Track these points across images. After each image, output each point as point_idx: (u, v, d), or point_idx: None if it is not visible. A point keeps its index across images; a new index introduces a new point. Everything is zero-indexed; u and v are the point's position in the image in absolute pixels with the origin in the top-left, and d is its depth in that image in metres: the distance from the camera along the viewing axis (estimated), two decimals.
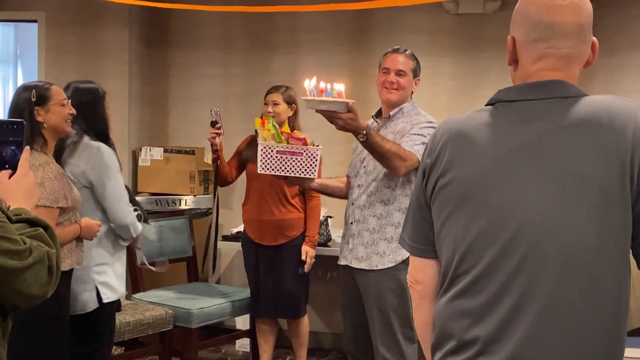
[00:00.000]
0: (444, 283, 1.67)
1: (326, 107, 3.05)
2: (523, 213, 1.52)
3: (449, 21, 5.31)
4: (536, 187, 1.52)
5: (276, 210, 4.34)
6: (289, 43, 5.55)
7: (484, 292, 1.55)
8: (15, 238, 1.50)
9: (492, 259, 1.55)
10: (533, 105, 1.59)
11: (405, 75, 3.43)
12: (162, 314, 4.27)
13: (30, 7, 5.50)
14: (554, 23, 1.60)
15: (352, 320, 3.56)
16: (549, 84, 1.60)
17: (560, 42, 1.61)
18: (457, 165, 1.63)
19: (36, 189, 1.72)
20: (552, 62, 1.62)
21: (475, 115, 1.69)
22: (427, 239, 1.75)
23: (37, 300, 1.55)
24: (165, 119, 5.79)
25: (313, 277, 4.97)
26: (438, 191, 1.67)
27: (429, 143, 1.75)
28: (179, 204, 5.24)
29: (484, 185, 1.58)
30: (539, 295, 1.49)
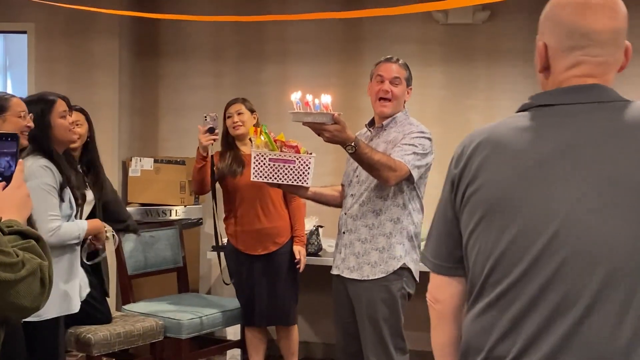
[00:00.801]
0: (471, 294, 1.60)
1: (312, 119, 3.05)
2: (562, 219, 1.45)
3: (439, 31, 5.33)
4: (577, 192, 1.45)
5: (263, 219, 4.33)
6: (279, 53, 5.57)
7: (517, 303, 1.48)
8: (8, 250, 1.49)
9: (526, 268, 1.48)
10: (572, 109, 1.53)
11: (399, 84, 3.43)
12: (153, 324, 4.25)
13: (19, 18, 5.49)
14: (591, 31, 1.53)
15: (344, 330, 3.55)
16: (588, 88, 1.54)
17: (596, 50, 1.54)
18: (487, 170, 1.56)
19: (29, 201, 1.73)
20: (587, 68, 1.55)
21: (507, 121, 1.62)
22: (450, 256, 1.68)
23: (29, 312, 1.54)
24: (155, 129, 5.78)
25: (304, 286, 4.97)
26: (467, 199, 1.59)
27: (456, 153, 1.67)
28: (170, 215, 5.23)
29: (518, 190, 1.50)
30: (575, 307, 1.43)
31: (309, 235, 4.72)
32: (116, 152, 5.43)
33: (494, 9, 5.15)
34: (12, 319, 1.57)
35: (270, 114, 5.47)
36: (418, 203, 3.43)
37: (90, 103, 4.89)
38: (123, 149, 5.53)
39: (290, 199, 4.43)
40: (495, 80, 5.27)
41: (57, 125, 3.42)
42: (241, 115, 4.37)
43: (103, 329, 4.01)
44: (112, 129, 5.40)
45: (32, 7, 5.09)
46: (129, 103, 5.63)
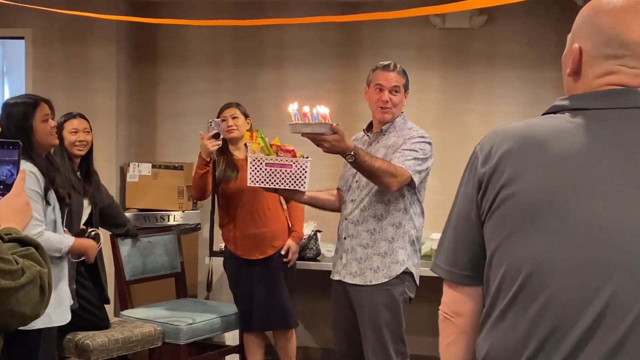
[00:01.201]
0: (494, 309, 1.49)
1: (311, 129, 3.05)
2: (614, 228, 1.37)
3: (436, 36, 5.34)
4: (628, 199, 1.38)
5: (259, 223, 4.31)
6: (277, 58, 5.57)
7: (554, 319, 1.39)
8: (8, 258, 1.49)
9: (568, 282, 1.38)
10: (613, 114, 1.45)
11: (398, 92, 3.44)
12: (151, 330, 4.24)
13: (17, 24, 5.49)
14: (631, 42, 1.45)
15: (344, 335, 3.55)
16: (627, 93, 1.47)
17: (634, 62, 1.46)
18: (526, 174, 1.45)
19: (28, 209, 1.73)
20: (621, 78, 1.47)
21: (540, 121, 1.52)
22: (471, 263, 1.56)
23: (29, 320, 1.54)
24: (153, 135, 5.79)
25: (302, 291, 4.96)
26: (500, 204, 1.47)
27: (482, 151, 1.54)
28: (168, 220, 5.22)
29: (560, 198, 1.41)
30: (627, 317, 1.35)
31: (307, 240, 4.72)
32: (114, 157, 5.43)
33: (491, 14, 5.17)
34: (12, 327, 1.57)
35: (267, 119, 5.47)
36: (419, 207, 3.44)
37: (88, 109, 4.89)
38: (121, 155, 5.53)
39: (288, 200, 4.41)
40: (492, 84, 5.28)
41: (39, 129, 3.35)
42: (236, 120, 4.35)
43: (101, 335, 4.01)
44: (109, 135, 5.39)
45: (30, 13, 5.09)
46: (127, 108, 5.63)
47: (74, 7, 4.85)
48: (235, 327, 4.67)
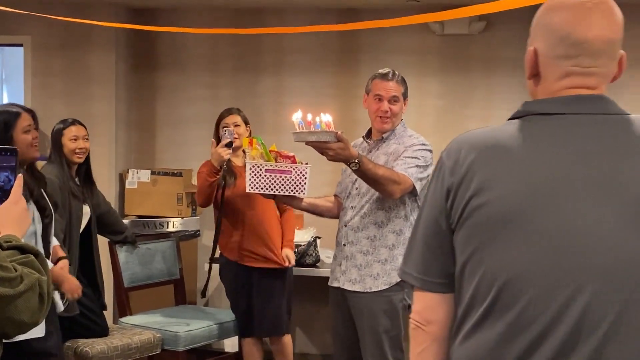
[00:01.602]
0: (468, 319, 1.48)
1: (316, 137, 3.04)
2: (584, 234, 1.37)
3: (435, 42, 5.35)
4: (596, 209, 1.37)
5: (257, 231, 4.25)
6: (276, 65, 5.58)
7: (533, 327, 1.38)
8: (6, 265, 1.49)
9: (543, 290, 1.38)
10: (578, 120, 1.44)
11: (398, 102, 3.43)
12: (150, 337, 4.23)
13: (16, 31, 5.50)
14: (584, 40, 1.45)
15: (343, 341, 3.54)
16: (592, 99, 1.46)
17: (589, 60, 1.46)
18: (494, 183, 1.43)
19: (27, 216, 1.72)
20: (578, 80, 1.47)
21: (506, 128, 1.50)
22: (442, 271, 1.54)
23: (28, 327, 1.53)
24: (152, 141, 5.78)
25: (301, 297, 4.96)
26: (470, 213, 1.45)
27: (450, 159, 1.52)
28: (167, 226, 5.22)
29: (531, 206, 1.39)
30: (599, 328, 1.35)
31: (307, 247, 4.71)
32: (113, 164, 5.42)
33: (490, 20, 5.17)
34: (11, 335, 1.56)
35: (266, 125, 5.48)
36: None
37: (87, 116, 4.90)
38: (120, 161, 5.53)
39: (284, 209, 4.41)
40: (492, 89, 5.28)
41: (20, 140, 3.24)
42: (238, 127, 4.27)
43: (101, 342, 3.99)
44: (109, 142, 5.39)
45: (29, 20, 5.09)
46: (126, 115, 5.64)
47: (73, 14, 4.85)
48: (234, 334, 4.65)
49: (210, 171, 4.05)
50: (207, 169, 4.07)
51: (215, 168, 4.04)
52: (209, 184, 4.09)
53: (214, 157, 4.03)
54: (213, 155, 4.04)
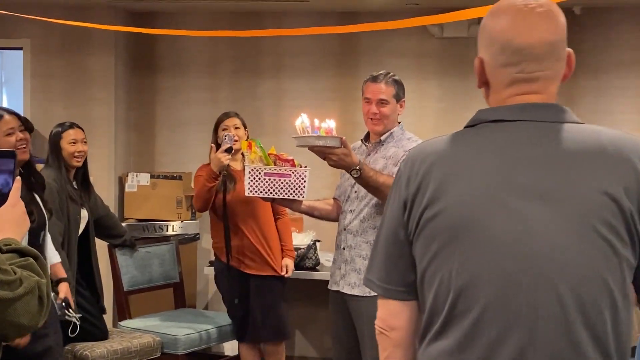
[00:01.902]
0: (431, 327, 1.50)
1: (323, 142, 3.01)
2: (529, 244, 1.40)
3: (434, 45, 5.35)
4: (540, 215, 1.40)
5: (256, 237, 4.22)
6: (275, 67, 5.58)
7: (487, 334, 1.41)
8: (5, 268, 1.48)
9: (494, 298, 1.41)
10: (526, 127, 1.47)
11: (387, 104, 3.41)
12: (150, 341, 4.22)
13: (15, 34, 5.50)
14: (524, 46, 1.46)
15: (343, 345, 3.53)
16: (543, 107, 1.48)
17: (532, 65, 1.47)
18: (446, 193, 1.46)
19: (26, 219, 1.71)
20: (525, 86, 1.49)
21: (457, 137, 1.54)
22: (403, 280, 1.57)
23: (27, 331, 1.53)
24: (151, 145, 5.78)
25: (301, 300, 4.95)
26: (425, 224, 1.49)
27: (404, 172, 1.56)
28: (166, 230, 5.21)
29: (480, 215, 1.43)
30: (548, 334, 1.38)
31: (307, 250, 4.70)
32: (112, 167, 5.42)
33: None
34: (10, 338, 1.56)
35: (266, 128, 5.48)
36: None
37: (87, 119, 4.90)
38: (119, 165, 5.53)
39: (278, 215, 4.37)
40: None
41: (2, 144, 3.20)
42: (238, 130, 4.21)
43: (100, 346, 3.99)
44: (108, 145, 5.39)
45: (28, 24, 5.09)
46: (125, 118, 5.63)
47: (72, 17, 4.85)
48: (234, 337, 4.65)
49: (210, 176, 4.00)
50: (207, 174, 4.02)
51: (215, 173, 3.98)
52: (208, 189, 4.03)
53: (214, 162, 3.98)
54: (213, 161, 3.99)
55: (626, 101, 5.17)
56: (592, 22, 5.16)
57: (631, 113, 5.14)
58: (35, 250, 1.62)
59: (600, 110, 5.14)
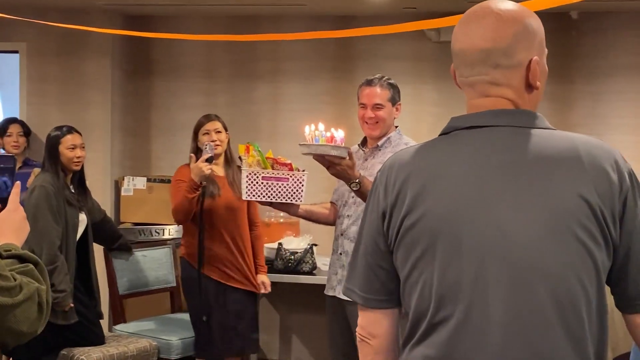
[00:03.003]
0: (414, 333, 1.52)
1: (337, 152, 2.99)
2: (506, 248, 1.42)
3: (431, 49, 5.35)
4: (515, 219, 1.42)
5: (234, 245, 4.06)
6: (272, 72, 5.58)
7: (468, 338, 1.43)
8: (5, 274, 1.48)
9: (474, 302, 1.43)
10: (498, 132, 1.49)
11: (382, 108, 3.41)
12: (146, 345, 4.21)
13: (11, 37, 5.49)
14: (458, 51, 1.54)
15: (339, 350, 3.52)
16: (513, 113, 1.51)
17: (466, 70, 1.53)
18: (423, 201, 1.48)
19: (26, 224, 1.71)
20: (471, 91, 1.54)
21: (432, 145, 1.57)
22: (383, 289, 1.60)
23: (27, 337, 1.52)
24: (147, 149, 5.77)
25: (298, 305, 4.94)
26: (404, 233, 1.51)
27: (381, 182, 1.58)
28: (162, 234, 5.20)
29: (457, 221, 1.45)
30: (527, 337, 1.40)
31: (303, 254, 4.69)
32: (108, 171, 5.41)
33: None
34: (10, 344, 1.56)
35: (262, 132, 5.48)
36: None
37: (83, 122, 4.89)
38: (115, 168, 5.51)
39: (253, 227, 4.24)
40: None
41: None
42: (219, 134, 4.08)
43: (97, 351, 3.97)
44: (104, 149, 5.38)
45: (24, 27, 5.09)
46: (121, 122, 5.62)
47: (68, 20, 4.84)
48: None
49: (191, 187, 3.84)
50: (187, 185, 3.85)
51: (196, 184, 3.83)
52: (189, 200, 3.86)
53: (195, 172, 3.82)
54: (193, 170, 3.83)
55: (623, 105, 5.17)
56: (589, 27, 5.16)
57: (628, 117, 5.15)
58: (35, 257, 1.61)
59: (598, 114, 5.15)
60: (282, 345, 5.55)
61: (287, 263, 4.66)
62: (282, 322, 5.55)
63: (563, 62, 5.05)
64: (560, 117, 5.01)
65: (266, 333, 5.51)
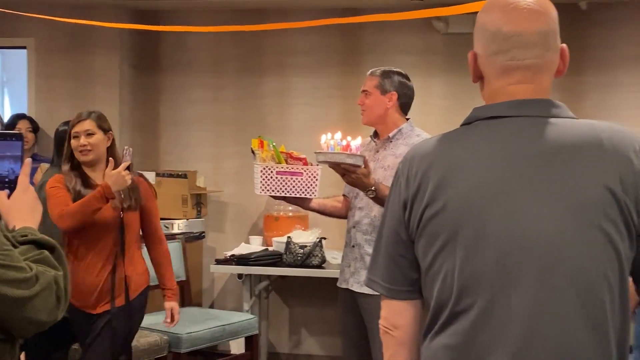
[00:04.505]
0: (435, 323, 1.53)
1: (353, 161, 2.98)
2: (530, 239, 1.41)
3: (439, 41, 5.34)
4: (539, 210, 1.42)
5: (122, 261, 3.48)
6: (279, 66, 5.57)
7: (489, 328, 1.43)
8: (21, 266, 1.47)
9: (496, 293, 1.43)
10: (522, 123, 1.49)
11: (369, 94, 3.42)
12: (157, 339, 4.22)
13: (19, 33, 5.49)
14: (514, 33, 1.50)
15: (352, 342, 3.52)
16: (537, 102, 1.51)
17: (522, 52, 1.50)
18: (446, 191, 1.48)
19: (38, 204, 1.68)
20: (517, 75, 1.52)
21: (454, 136, 1.57)
22: (406, 279, 1.60)
23: (47, 325, 1.53)
24: (156, 143, 5.78)
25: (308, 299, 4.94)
26: (426, 223, 1.51)
27: (403, 172, 1.59)
28: (172, 228, 5.20)
29: (480, 210, 1.45)
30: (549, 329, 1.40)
31: (312, 247, 4.68)
32: None
33: None
34: (30, 334, 1.56)
35: (270, 126, 5.48)
36: None
37: None
38: None
39: (157, 240, 3.71)
40: None
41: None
42: (90, 137, 3.46)
43: None
44: None
45: (32, 23, 5.09)
46: (130, 117, 5.63)
47: (77, 16, 4.85)
48: (240, 335, 4.62)
49: (103, 196, 3.28)
50: (99, 193, 3.28)
51: (112, 194, 3.28)
52: (94, 210, 3.30)
53: (115, 181, 3.28)
54: (112, 177, 3.29)
55: (633, 97, 5.15)
56: (599, 18, 5.14)
57: (638, 109, 5.12)
58: (53, 241, 1.59)
59: (607, 106, 5.12)
60: (292, 339, 5.56)
61: (296, 257, 4.66)
62: (291, 316, 5.55)
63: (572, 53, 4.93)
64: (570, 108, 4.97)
65: (275, 327, 5.51)
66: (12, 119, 5.32)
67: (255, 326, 4.67)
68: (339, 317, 3.63)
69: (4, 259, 1.44)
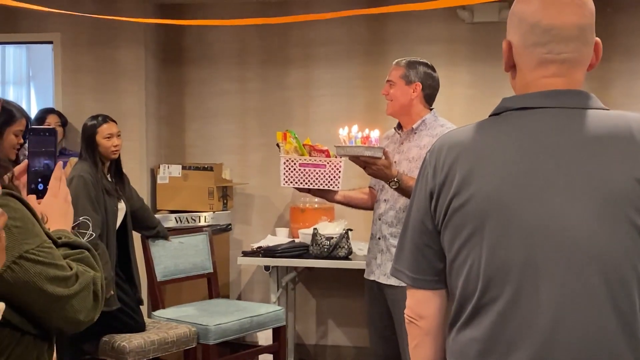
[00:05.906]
0: (461, 314, 1.52)
1: (371, 153, 3.00)
2: (558, 231, 1.40)
3: (465, 30, 5.30)
4: (568, 202, 1.41)
5: None
6: (304, 57, 5.56)
7: (516, 320, 1.42)
8: (62, 264, 1.47)
9: (524, 284, 1.42)
10: (554, 115, 1.48)
11: (393, 84, 3.41)
12: (186, 331, 4.25)
13: (45, 28, 5.54)
14: (552, 26, 1.48)
15: (379, 333, 3.52)
16: (569, 93, 1.50)
17: (560, 46, 1.49)
18: (473, 181, 1.47)
19: (70, 208, 1.68)
20: (552, 68, 1.50)
21: (483, 126, 1.56)
22: (432, 269, 1.60)
23: (83, 325, 1.53)
24: (182, 136, 5.81)
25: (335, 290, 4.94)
26: (452, 213, 1.50)
27: (431, 162, 1.58)
28: (199, 221, 5.24)
29: (507, 203, 1.44)
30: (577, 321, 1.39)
31: (339, 239, 4.68)
32: (144, 159, 5.45)
33: None
34: (67, 333, 1.56)
35: (295, 118, 5.48)
36: None
37: (118, 112, 4.93)
38: (151, 157, 5.56)
39: None
40: None
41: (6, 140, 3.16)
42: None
43: (137, 337, 4.02)
44: (139, 137, 5.42)
45: (58, 18, 5.13)
46: (155, 111, 5.66)
47: (102, 11, 4.88)
48: (268, 327, 4.65)
49: None
50: None
51: None
52: None
53: None
54: None
55: None
56: (625, 3, 5.07)
57: None
58: (86, 243, 1.60)
59: (634, 94, 5.06)
60: (319, 330, 5.58)
61: (323, 248, 4.67)
62: (318, 307, 5.56)
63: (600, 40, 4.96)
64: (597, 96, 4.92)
65: (302, 318, 5.53)
66: (41, 113, 5.37)
67: (282, 317, 4.69)
68: (365, 308, 3.63)
69: (46, 257, 1.44)
